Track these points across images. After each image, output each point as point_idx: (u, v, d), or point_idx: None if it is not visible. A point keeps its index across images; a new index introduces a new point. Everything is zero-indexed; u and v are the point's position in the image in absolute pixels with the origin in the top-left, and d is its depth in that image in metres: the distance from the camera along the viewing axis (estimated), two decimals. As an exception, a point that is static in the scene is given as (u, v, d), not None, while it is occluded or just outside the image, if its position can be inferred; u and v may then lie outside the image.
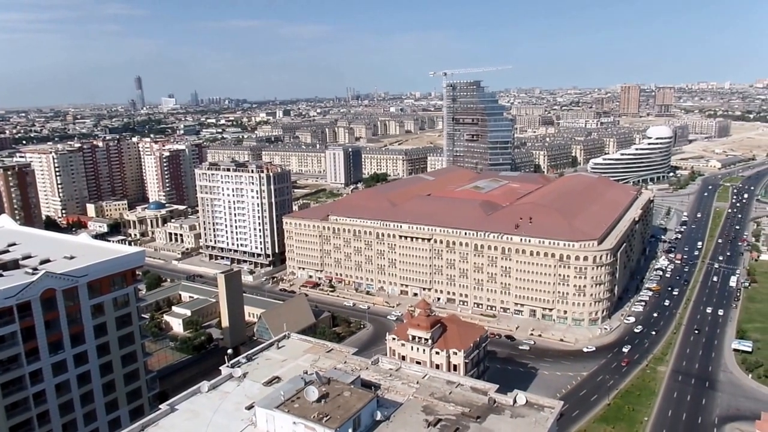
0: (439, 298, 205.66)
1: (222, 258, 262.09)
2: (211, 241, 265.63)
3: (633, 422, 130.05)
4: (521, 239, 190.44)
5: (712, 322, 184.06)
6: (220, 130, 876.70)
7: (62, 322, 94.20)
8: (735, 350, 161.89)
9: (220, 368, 77.39)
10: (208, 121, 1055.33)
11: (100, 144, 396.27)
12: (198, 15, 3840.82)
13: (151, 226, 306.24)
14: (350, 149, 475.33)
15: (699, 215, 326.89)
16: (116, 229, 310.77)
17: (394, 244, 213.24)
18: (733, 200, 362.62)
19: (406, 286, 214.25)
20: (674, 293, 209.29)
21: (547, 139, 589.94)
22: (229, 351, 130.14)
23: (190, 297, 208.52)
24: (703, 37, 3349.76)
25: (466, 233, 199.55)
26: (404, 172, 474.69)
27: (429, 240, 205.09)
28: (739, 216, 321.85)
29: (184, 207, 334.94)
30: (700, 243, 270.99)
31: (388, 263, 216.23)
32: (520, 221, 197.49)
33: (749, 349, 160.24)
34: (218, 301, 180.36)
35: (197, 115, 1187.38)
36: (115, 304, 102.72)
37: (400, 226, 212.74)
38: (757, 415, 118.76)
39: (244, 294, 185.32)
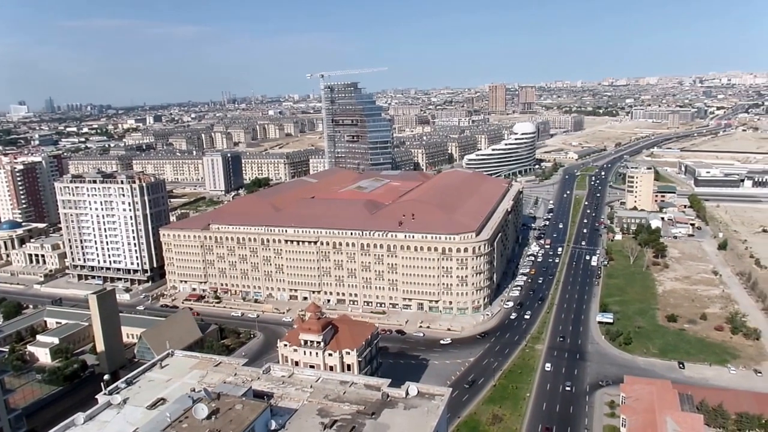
0: (329, 300, 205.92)
1: (93, 277, 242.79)
2: (79, 260, 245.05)
3: (517, 399, 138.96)
4: (405, 236, 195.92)
5: (578, 299, 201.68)
6: (82, 140, 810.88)
7: None
8: (599, 323, 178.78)
9: (97, 397, 71.91)
10: (68, 129, 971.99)
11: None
12: (52, 12, 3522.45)
13: (6, 249, 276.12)
14: (229, 155, 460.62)
15: (562, 203, 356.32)
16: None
17: (280, 249, 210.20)
18: (590, 188, 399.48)
19: (295, 290, 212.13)
20: (546, 277, 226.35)
21: (424, 137, 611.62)
22: (106, 377, 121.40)
23: (57, 323, 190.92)
24: (557, 40, 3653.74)
25: (351, 233, 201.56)
26: (286, 175, 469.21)
27: (315, 243, 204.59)
28: (596, 202, 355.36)
29: (44, 225, 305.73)
30: (564, 228, 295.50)
31: (275, 269, 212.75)
32: (403, 218, 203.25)
33: (611, 321, 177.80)
34: (91, 325, 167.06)
35: (54, 124, 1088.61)
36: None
37: (286, 231, 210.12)
38: (621, 379, 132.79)
39: (120, 314, 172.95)
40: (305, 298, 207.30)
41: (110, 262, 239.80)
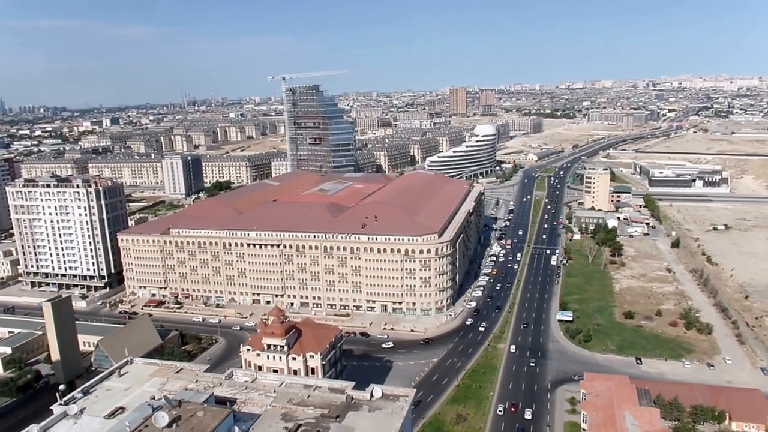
0: (292, 304, 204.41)
1: (47, 285, 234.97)
2: (32, 266, 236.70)
3: (481, 398, 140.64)
4: (368, 238, 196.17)
5: (539, 298, 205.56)
6: (35, 143, 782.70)
7: None
8: (559, 321, 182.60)
9: (52, 407, 69.66)
10: (21, 132, 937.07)
11: None
12: (1, 12, 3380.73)
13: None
14: (189, 158, 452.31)
15: (523, 204, 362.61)
16: None
17: (243, 253, 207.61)
18: (549, 188, 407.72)
19: (258, 294, 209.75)
20: (507, 277, 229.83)
21: (387, 140, 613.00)
22: (62, 387, 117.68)
23: (9, 332, 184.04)
24: (516, 44, 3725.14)
25: (314, 236, 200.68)
26: (248, 178, 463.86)
27: (278, 246, 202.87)
28: (555, 202, 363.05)
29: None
30: (525, 228, 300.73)
31: (238, 273, 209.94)
32: (366, 220, 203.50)
33: (570, 319, 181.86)
34: (46, 333, 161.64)
35: (6, 126, 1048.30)
36: None
37: (248, 234, 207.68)
38: (582, 375, 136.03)
39: (76, 322, 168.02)
40: (268, 302, 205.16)
41: (65, 268, 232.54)
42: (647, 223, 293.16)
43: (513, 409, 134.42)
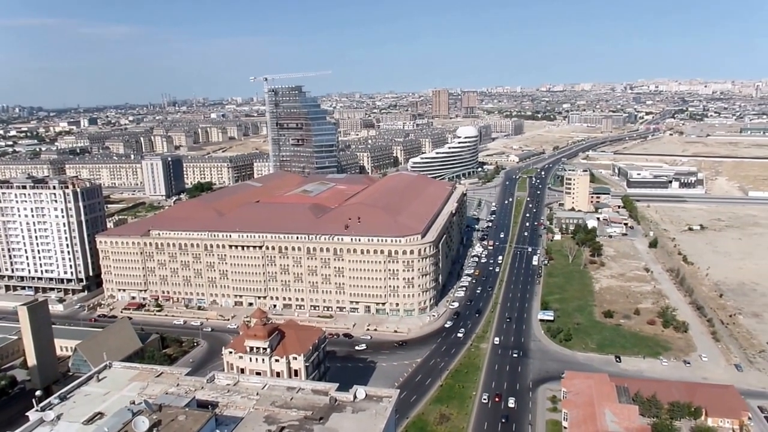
0: (275, 305, 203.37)
1: (23, 288, 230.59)
2: (6, 270, 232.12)
3: (464, 398, 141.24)
4: (351, 239, 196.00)
5: (521, 298, 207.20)
6: (10, 143, 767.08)
7: None
8: (541, 320, 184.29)
9: (28, 414, 68.37)
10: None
11: None
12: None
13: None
14: (170, 158, 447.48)
15: (504, 205, 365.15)
16: None
17: (225, 255, 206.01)
18: (531, 189, 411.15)
19: (241, 296, 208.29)
20: (489, 277, 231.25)
21: (370, 141, 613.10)
22: (38, 392, 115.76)
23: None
24: (497, 48, 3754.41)
25: (297, 237, 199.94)
26: (230, 179, 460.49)
27: (261, 247, 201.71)
28: (536, 202, 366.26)
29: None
30: (507, 229, 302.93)
31: (220, 275, 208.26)
32: (349, 221, 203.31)
33: (551, 318, 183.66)
34: (21, 338, 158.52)
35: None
36: None
37: (230, 236, 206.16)
38: (563, 374, 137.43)
39: (53, 326, 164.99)
40: (251, 304, 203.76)
41: (42, 271, 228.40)
42: (626, 224, 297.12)
43: (497, 399, 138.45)
